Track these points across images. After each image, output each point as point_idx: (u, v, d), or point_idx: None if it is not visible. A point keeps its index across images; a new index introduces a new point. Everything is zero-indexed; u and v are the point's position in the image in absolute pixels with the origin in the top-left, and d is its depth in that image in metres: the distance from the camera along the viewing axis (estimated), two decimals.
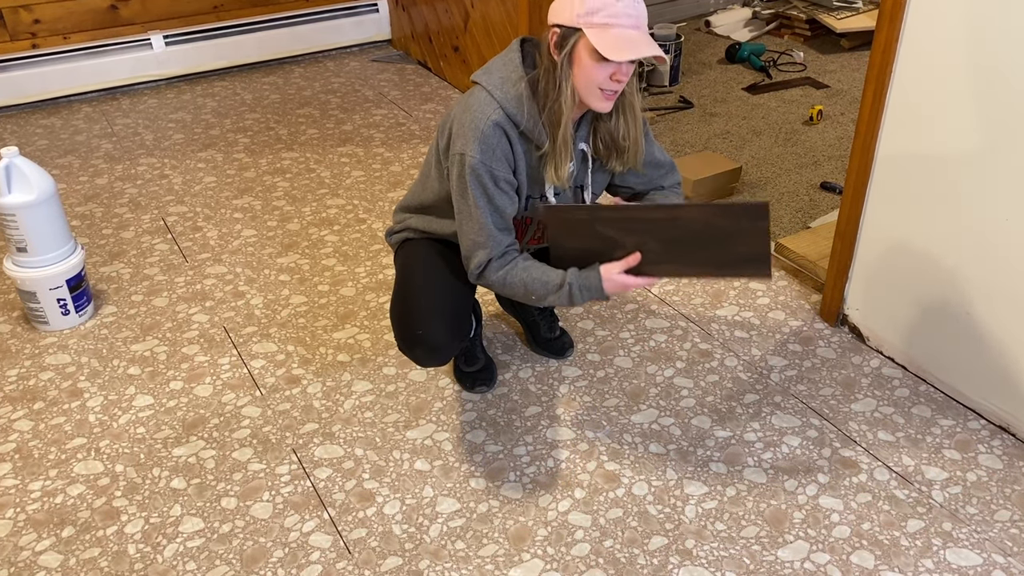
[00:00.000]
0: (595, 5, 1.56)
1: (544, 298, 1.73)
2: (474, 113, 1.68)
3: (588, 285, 1.68)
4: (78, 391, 2.13)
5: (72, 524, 1.77)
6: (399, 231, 1.99)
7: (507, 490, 1.83)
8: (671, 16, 4.55)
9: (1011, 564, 1.65)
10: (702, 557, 1.67)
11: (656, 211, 1.66)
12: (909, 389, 2.07)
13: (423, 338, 1.80)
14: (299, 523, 1.76)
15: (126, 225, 2.84)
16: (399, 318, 1.86)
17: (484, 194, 1.69)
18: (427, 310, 1.82)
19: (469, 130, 1.67)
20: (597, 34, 1.56)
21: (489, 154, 1.67)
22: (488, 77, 1.71)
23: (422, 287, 1.86)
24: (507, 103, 1.67)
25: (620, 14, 1.56)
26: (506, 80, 1.68)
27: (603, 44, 1.56)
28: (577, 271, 1.70)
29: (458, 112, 1.72)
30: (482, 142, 1.66)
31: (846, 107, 3.56)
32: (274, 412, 2.05)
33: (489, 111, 1.67)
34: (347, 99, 3.77)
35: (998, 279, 1.84)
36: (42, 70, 3.68)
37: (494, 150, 1.67)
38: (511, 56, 1.71)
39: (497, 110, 1.67)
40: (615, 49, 1.55)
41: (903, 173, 1.97)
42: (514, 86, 1.67)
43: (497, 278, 1.74)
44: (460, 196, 1.72)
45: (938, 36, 1.79)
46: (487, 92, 1.69)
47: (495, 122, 1.66)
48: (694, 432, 1.96)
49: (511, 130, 1.68)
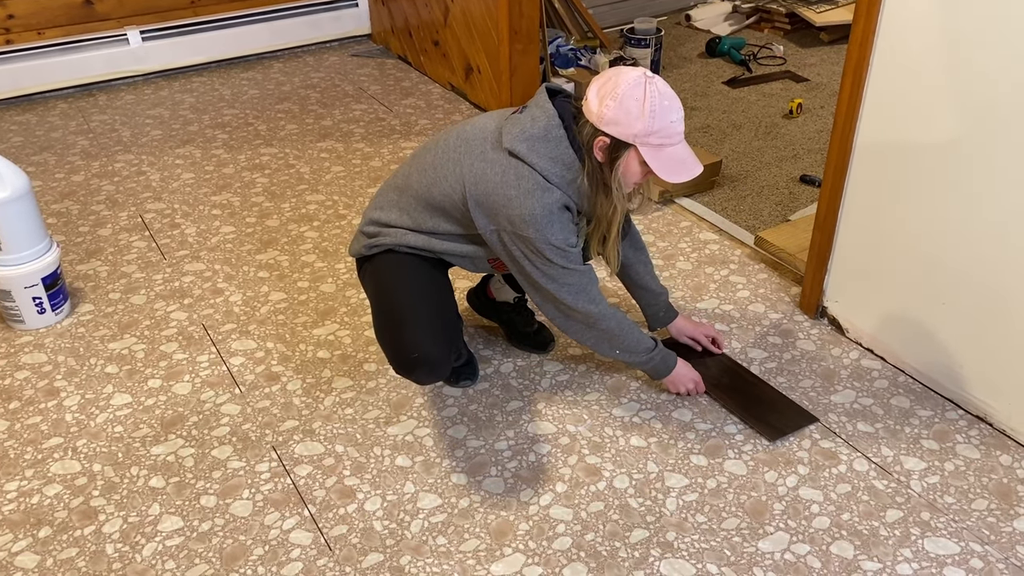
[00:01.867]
0: (656, 127, 1.61)
1: (629, 350, 1.90)
2: (536, 200, 1.67)
3: (666, 363, 1.96)
4: (55, 390, 2.10)
5: (49, 524, 1.75)
6: (379, 244, 1.88)
7: (488, 485, 1.83)
8: (652, 10, 4.55)
9: (988, 552, 1.66)
10: (683, 549, 1.68)
11: (749, 375, 2.10)
12: (888, 380, 2.09)
13: (421, 360, 1.79)
14: (279, 520, 1.76)
15: (103, 222, 2.81)
16: (392, 344, 1.83)
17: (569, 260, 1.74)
18: (421, 331, 1.80)
19: (541, 218, 1.67)
20: (652, 153, 1.63)
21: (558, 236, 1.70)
22: (536, 157, 1.68)
23: (411, 306, 1.83)
24: (568, 190, 1.70)
25: (673, 134, 1.63)
26: (558, 162, 1.68)
27: (659, 165, 1.64)
28: (664, 348, 1.95)
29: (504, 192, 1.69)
30: (558, 225, 1.69)
31: (825, 100, 3.58)
32: (253, 409, 2.04)
33: (553, 196, 1.68)
34: (327, 94, 3.75)
35: (974, 270, 1.86)
36: (16, 66, 3.63)
37: (563, 229, 1.71)
38: (555, 131, 1.68)
39: (561, 196, 1.69)
40: (669, 171, 1.64)
41: (881, 166, 1.98)
42: (573, 178, 1.70)
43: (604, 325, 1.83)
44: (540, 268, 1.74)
45: (914, 29, 1.80)
46: (540, 176, 1.68)
47: (564, 205, 1.71)
48: (675, 425, 1.97)
49: (572, 210, 1.74)
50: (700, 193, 2.90)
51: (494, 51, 3.33)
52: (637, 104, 1.59)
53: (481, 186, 1.71)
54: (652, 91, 1.61)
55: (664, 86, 1.64)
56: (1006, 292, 1.81)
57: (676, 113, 1.63)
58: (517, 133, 1.69)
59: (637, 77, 1.61)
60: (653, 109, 1.60)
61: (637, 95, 1.60)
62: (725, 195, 2.89)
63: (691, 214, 2.79)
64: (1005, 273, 1.80)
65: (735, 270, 2.51)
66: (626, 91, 1.60)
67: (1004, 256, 1.79)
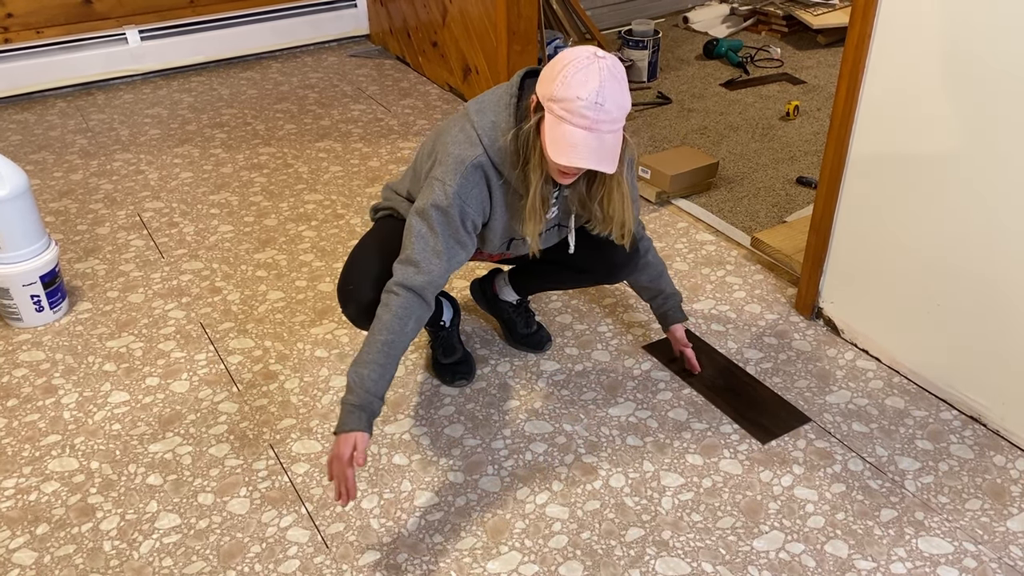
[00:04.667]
0: (561, 94, 1.50)
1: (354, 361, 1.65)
2: (461, 149, 1.66)
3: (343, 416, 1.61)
4: (52, 388, 2.11)
5: (47, 521, 1.76)
6: (385, 207, 1.96)
7: (485, 483, 1.83)
8: (650, 12, 4.56)
9: (981, 552, 1.67)
10: (678, 548, 1.69)
11: (744, 375, 2.12)
12: (883, 381, 2.10)
13: (354, 295, 1.81)
14: (276, 518, 1.76)
15: (101, 221, 2.82)
16: (341, 274, 1.87)
17: (440, 227, 1.66)
18: (367, 272, 1.80)
19: (453, 163, 1.66)
20: (551, 124, 1.53)
21: (465, 192, 1.66)
22: (481, 117, 1.68)
23: (371, 247, 1.85)
24: (492, 152, 1.66)
25: (576, 112, 1.49)
26: (496, 127, 1.66)
27: (550, 137, 1.53)
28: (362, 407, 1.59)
29: (446, 140, 1.70)
30: (463, 177, 1.65)
31: (822, 103, 3.59)
32: (251, 408, 2.04)
33: (475, 152, 1.65)
34: (325, 94, 3.76)
35: (968, 272, 1.87)
36: (14, 65, 3.64)
37: (470, 190, 1.66)
38: (506, 99, 1.67)
39: (483, 154, 1.66)
40: (555, 147, 1.53)
41: (876, 167, 2.00)
42: (502, 135, 1.65)
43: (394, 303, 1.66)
44: (420, 216, 1.68)
45: (910, 31, 1.82)
46: (476, 133, 1.67)
47: (479, 165, 1.66)
48: (671, 425, 1.98)
49: (493, 175, 1.68)
50: (697, 194, 2.91)
51: (492, 52, 3.33)
52: (561, 68, 1.52)
53: (437, 140, 1.76)
54: (584, 64, 1.50)
55: (608, 72, 1.50)
56: (1000, 294, 1.82)
57: (589, 95, 1.48)
58: (477, 99, 1.74)
59: (593, 51, 1.53)
60: (567, 77, 1.49)
61: (570, 61, 1.51)
62: (722, 196, 2.90)
63: (688, 215, 2.80)
64: (1000, 275, 1.81)
65: (731, 271, 2.52)
66: (570, 58, 1.53)
67: (999, 257, 1.80)
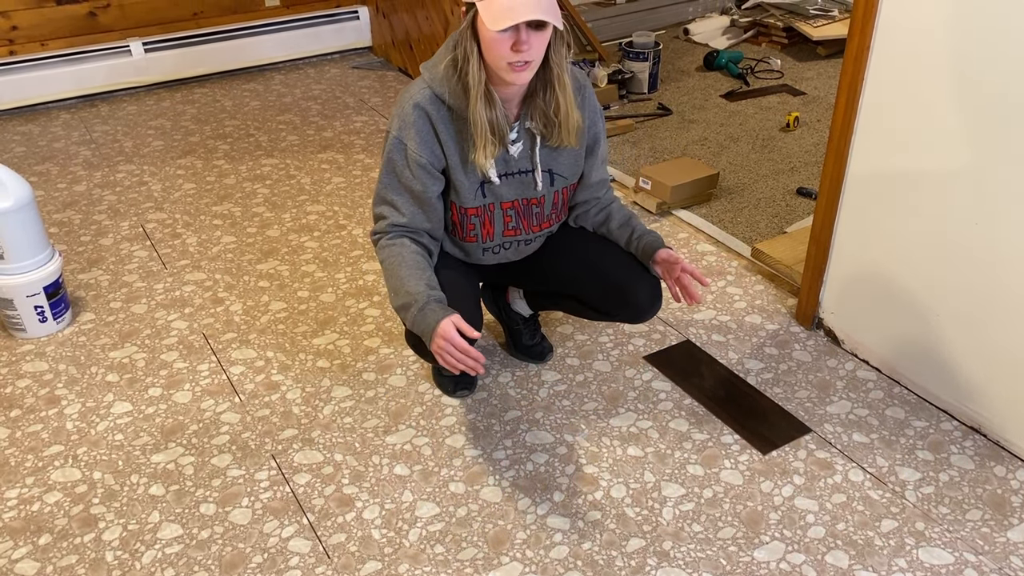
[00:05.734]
0: None
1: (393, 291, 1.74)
2: (403, 96, 1.74)
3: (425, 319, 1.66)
4: (55, 398, 2.12)
5: (49, 532, 1.76)
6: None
7: (486, 494, 1.84)
8: (650, 24, 4.58)
9: (982, 562, 1.67)
10: (679, 558, 1.69)
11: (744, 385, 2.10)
12: (883, 391, 2.10)
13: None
14: (278, 529, 1.76)
15: (105, 232, 2.83)
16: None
17: (393, 170, 1.76)
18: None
19: (396, 110, 1.75)
20: (485, 7, 1.57)
21: (406, 131, 1.72)
22: (427, 62, 1.76)
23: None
24: (434, 82, 1.71)
25: None
26: (437, 63, 1.73)
27: (488, 15, 1.56)
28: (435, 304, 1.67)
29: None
30: (402, 119, 1.73)
31: (822, 114, 3.60)
32: (253, 418, 2.05)
33: (415, 92, 1.72)
34: (328, 106, 3.78)
35: (968, 282, 1.87)
36: (19, 77, 3.66)
37: (410, 128, 1.72)
38: (451, 36, 1.72)
39: (424, 90, 1.71)
40: (495, 19, 1.55)
41: (876, 179, 2.00)
42: (441, 62, 1.71)
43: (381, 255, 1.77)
44: (383, 166, 1.78)
45: (909, 44, 1.83)
46: (422, 76, 1.74)
47: (416, 103, 1.71)
48: (672, 435, 1.98)
49: (438, 110, 1.72)
50: (698, 205, 2.92)
51: None
52: None
53: None
54: None
55: None
56: (1000, 304, 1.83)
57: None
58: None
59: None
60: None
61: None
62: (722, 207, 2.91)
63: (688, 226, 2.81)
64: (999, 285, 1.82)
65: (732, 281, 2.53)
66: None
67: (999, 268, 1.81)
